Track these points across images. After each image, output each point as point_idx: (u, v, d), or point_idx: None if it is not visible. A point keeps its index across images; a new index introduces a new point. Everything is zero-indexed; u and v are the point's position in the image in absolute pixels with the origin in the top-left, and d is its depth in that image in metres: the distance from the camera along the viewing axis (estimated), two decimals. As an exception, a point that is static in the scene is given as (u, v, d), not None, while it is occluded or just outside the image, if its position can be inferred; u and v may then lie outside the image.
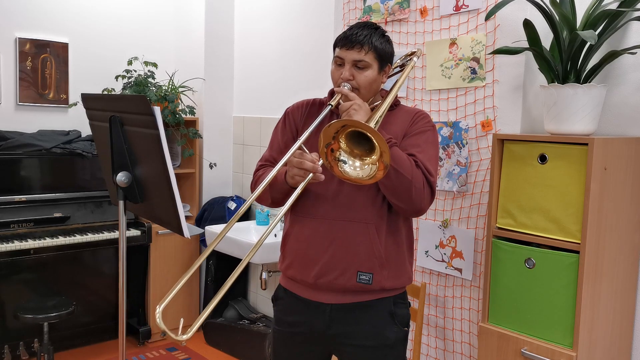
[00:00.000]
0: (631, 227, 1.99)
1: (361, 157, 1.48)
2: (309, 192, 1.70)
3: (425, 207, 1.63)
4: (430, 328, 2.61)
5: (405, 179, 1.55)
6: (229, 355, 3.58)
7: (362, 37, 1.66)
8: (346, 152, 1.48)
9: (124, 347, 1.81)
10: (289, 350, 1.81)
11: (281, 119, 1.87)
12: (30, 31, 3.56)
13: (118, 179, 1.69)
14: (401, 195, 1.58)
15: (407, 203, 1.60)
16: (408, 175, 1.55)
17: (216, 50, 3.98)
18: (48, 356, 2.99)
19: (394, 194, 1.59)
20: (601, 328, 1.90)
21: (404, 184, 1.55)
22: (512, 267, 1.95)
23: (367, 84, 1.69)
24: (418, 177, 1.58)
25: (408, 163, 1.57)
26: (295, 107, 1.86)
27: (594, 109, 1.89)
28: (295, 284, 1.77)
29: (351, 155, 1.48)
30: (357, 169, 1.48)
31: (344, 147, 1.48)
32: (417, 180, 1.57)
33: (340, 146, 1.48)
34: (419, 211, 1.63)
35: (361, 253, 1.66)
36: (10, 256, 3.06)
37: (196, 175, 3.94)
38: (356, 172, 1.47)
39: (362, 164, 1.48)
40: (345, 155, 1.48)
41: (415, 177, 1.57)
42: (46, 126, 3.62)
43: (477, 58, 2.35)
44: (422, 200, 1.60)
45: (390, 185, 1.57)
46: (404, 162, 1.56)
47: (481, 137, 2.37)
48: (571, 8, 1.96)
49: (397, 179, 1.55)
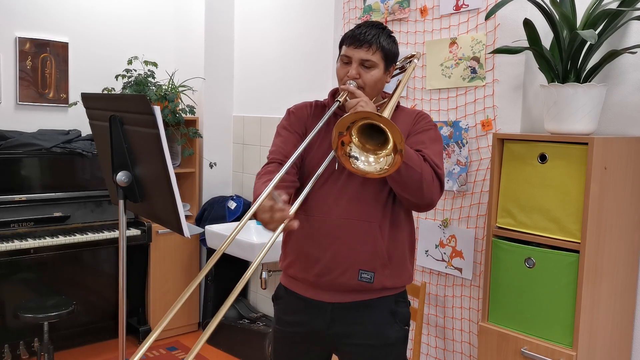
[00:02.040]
0: (631, 227, 1.99)
1: (374, 152, 1.48)
2: (313, 191, 1.70)
3: (435, 199, 1.63)
4: (430, 327, 2.61)
5: (415, 172, 1.55)
6: (229, 355, 3.58)
7: (371, 37, 1.67)
8: (358, 147, 1.48)
9: (124, 347, 1.80)
10: (289, 349, 1.81)
11: (284, 118, 1.85)
12: (30, 31, 3.56)
13: (118, 178, 1.69)
14: (412, 189, 1.58)
15: (418, 197, 1.60)
16: (418, 169, 1.55)
17: (216, 50, 3.98)
18: (48, 356, 2.99)
19: (405, 189, 1.59)
20: (601, 328, 1.90)
21: (415, 177, 1.55)
22: (512, 266, 1.95)
23: (373, 83, 1.70)
24: (427, 170, 1.58)
25: (416, 157, 1.58)
26: (300, 107, 1.85)
27: (594, 108, 1.89)
28: (296, 282, 1.77)
29: (364, 150, 1.49)
30: (373, 164, 1.48)
31: (355, 142, 1.48)
32: (426, 173, 1.58)
33: (352, 140, 1.48)
34: (429, 204, 1.63)
35: (364, 251, 1.66)
36: (10, 255, 3.05)
37: (196, 175, 3.94)
38: (372, 167, 1.48)
39: (377, 157, 1.48)
40: (357, 150, 1.49)
41: (424, 170, 1.57)
42: (46, 126, 3.62)
43: (477, 57, 2.36)
44: (432, 193, 1.60)
45: (401, 180, 1.57)
46: (412, 157, 1.56)
47: (481, 136, 2.37)
48: (571, 7, 1.96)
49: (408, 173, 1.55)
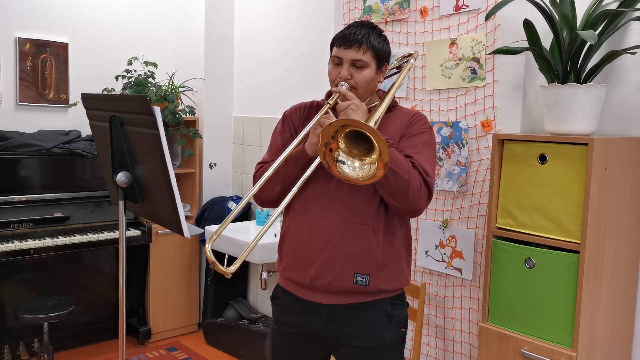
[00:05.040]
0: (631, 227, 1.99)
1: (360, 157, 1.48)
2: (306, 193, 1.70)
3: (422, 207, 1.63)
4: (430, 328, 2.61)
5: (402, 180, 1.55)
6: (229, 355, 3.58)
7: (361, 37, 1.67)
8: (345, 152, 1.48)
9: (124, 347, 1.81)
10: (287, 350, 1.81)
11: (280, 122, 1.87)
12: (30, 31, 3.56)
13: (118, 178, 1.69)
14: (398, 195, 1.58)
15: (403, 203, 1.59)
16: (405, 176, 1.55)
17: (216, 50, 3.98)
18: (48, 356, 2.99)
19: (391, 195, 1.59)
20: (601, 328, 1.90)
21: (401, 184, 1.55)
22: (512, 267, 1.95)
23: (365, 83, 1.70)
24: (415, 177, 1.58)
25: (405, 164, 1.57)
26: (293, 110, 1.86)
27: (594, 109, 1.89)
28: (293, 284, 1.77)
29: (350, 156, 1.48)
30: (357, 169, 1.47)
31: (342, 147, 1.48)
32: (414, 180, 1.57)
33: (339, 146, 1.48)
34: (415, 211, 1.63)
35: (358, 254, 1.66)
36: (10, 256, 3.05)
37: (196, 175, 3.94)
38: (355, 173, 1.47)
39: (362, 164, 1.47)
40: (344, 155, 1.48)
41: (412, 177, 1.57)
42: (46, 126, 3.62)
43: (477, 58, 2.36)
44: (418, 200, 1.60)
45: (387, 185, 1.56)
46: (401, 163, 1.56)
47: (481, 137, 2.37)
48: (571, 8, 1.96)
49: (394, 180, 1.54)
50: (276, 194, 1.72)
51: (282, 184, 1.70)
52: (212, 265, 1.47)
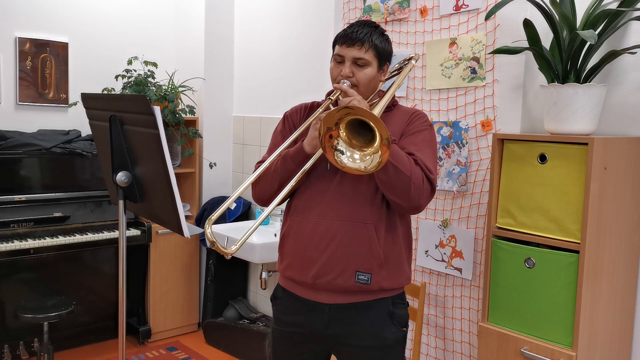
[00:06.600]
0: (631, 227, 1.99)
1: (360, 148, 1.49)
2: (307, 192, 1.70)
3: (423, 204, 1.63)
4: (430, 328, 2.61)
5: (403, 176, 1.55)
6: (229, 355, 3.58)
7: (363, 35, 1.67)
8: (345, 142, 1.49)
9: (124, 347, 1.81)
10: (288, 349, 1.81)
11: (280, 122, 1.87)
12: (30, 31, 3.56)
13: (118, 178, 1.69)
14: (399, 191, 1.58)
15: (405, 200, 1.59)
16: (407, 172, 1.55)
17: (216, 50, 3.98)
18: (48, 356, 2.99)
19: (392, 191, 1.59)
20: (601, 328, 1.90)
21: (403, 180, 1.55)
22: (512, 266, 1.95)
23: (367, 82, 1.70)
24: (417, 173, 1.58)
25: (407, 160, 1.57)
26: (294, 111, 1.87)
27: (594, 108, 1.89)
28: (294, 284, 1.77)
29: (350, 146, 1.49)
30: (357, 161, 1.48)
31: (343, 136, 1.49)
32: (416, 177, 1.57)
33: (340, 134, 1.48)
34: (416, 208, 1.63)
35: (360, 253, 1.66)
36: (10, 256, 3.05)
37: (196, 175, 3.94)
38: (356, 164, 1.48)
39: (363, 155, 1.48)
40: (344, 145, 1.49)
41: (414, 173, 1.57)
42: (46, 126, 3.62)
43: (477, 58, 2.36)
44: (420, 197, 1.60)
45: (389, 181, 1.56)
46: (402, 160, 1.56)
47: (481, 136, 2.37)
48: (571, 8, 1.96)
49: (396, 176, 1.55)
50: (274, 191, 1.72)
51: (279, 181, 1.70)
52: (212, 245, 1.46)
